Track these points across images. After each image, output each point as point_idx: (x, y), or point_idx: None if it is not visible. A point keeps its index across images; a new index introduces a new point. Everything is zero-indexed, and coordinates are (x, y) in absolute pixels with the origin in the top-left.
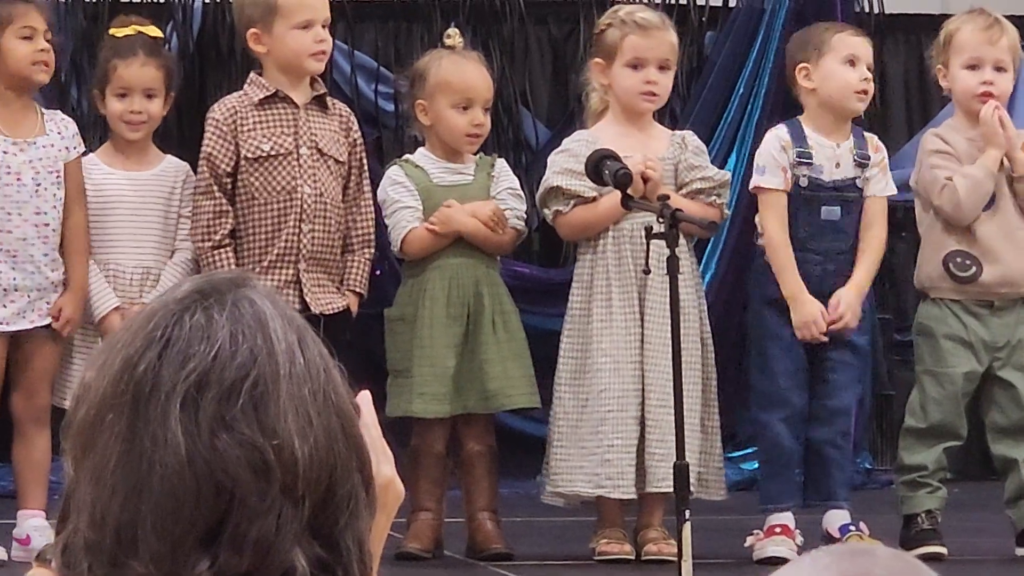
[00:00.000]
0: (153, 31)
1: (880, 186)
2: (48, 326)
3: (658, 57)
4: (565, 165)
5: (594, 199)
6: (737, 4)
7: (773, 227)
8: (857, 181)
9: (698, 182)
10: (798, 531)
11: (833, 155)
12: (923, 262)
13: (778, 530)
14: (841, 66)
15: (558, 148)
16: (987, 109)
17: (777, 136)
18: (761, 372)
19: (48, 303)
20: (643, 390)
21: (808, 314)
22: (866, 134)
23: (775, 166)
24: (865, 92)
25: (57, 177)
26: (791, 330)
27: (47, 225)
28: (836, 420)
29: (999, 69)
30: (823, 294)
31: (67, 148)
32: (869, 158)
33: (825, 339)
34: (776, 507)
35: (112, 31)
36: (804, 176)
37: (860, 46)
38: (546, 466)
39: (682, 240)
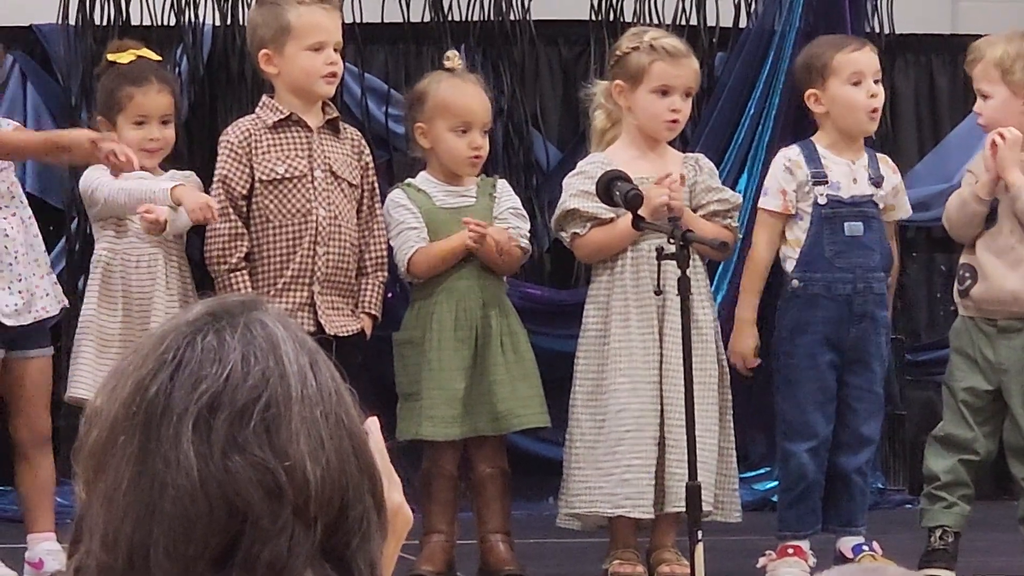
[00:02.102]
0: (152, 55)
1: (905, 210)
2: (40, 347)
3: (685, 85)
4: (581, 187)
5: (611, 220)
6: (747, 25)
7: (759, 246)
8: (874, 198)
9: (715, 204)
10: (811, 553)
11: (849, 171)
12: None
13: (791, 551)
14: (847, 88)
15: (573, 171)
16: (988, 138)
17: (786, 157)
18: (789, 401)
19: (37, 318)
20: (662, 410)
21: (745, 346)
22: (879, 155)
23: (775, 188)
24: (875, 110)
25: (9, 166)
26: (825, 359)
27: (15, 215)
28: (864, 449)
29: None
30: (853, 314)
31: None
32: (883, 179)
33: (749, 374)
34: (794, 534)
35: (112, 57)
36: (822, 195)
37: (862, 61)
38: (563, 490)
39: (696, 260)
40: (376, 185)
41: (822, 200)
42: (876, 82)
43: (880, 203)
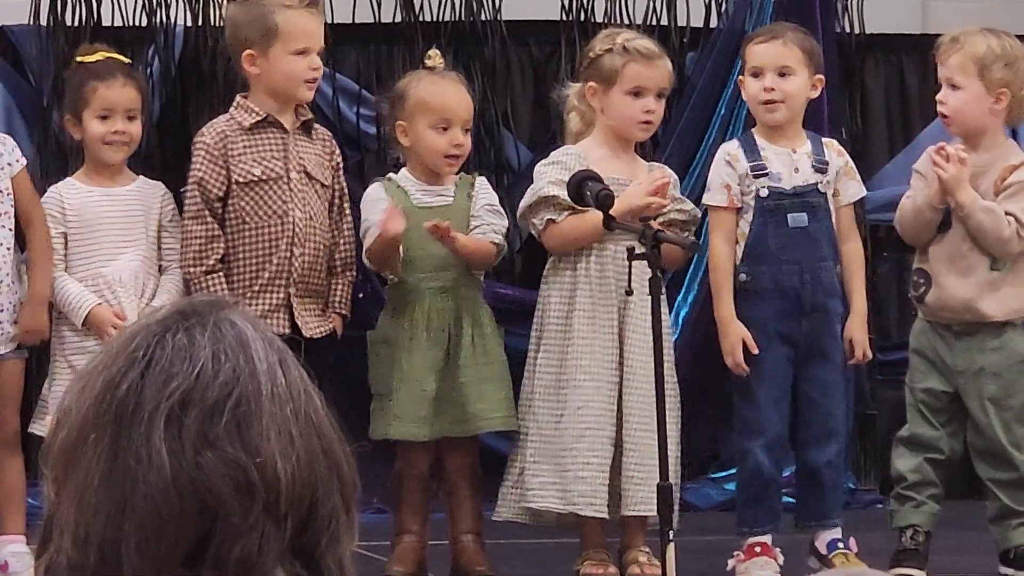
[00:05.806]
0: (122, 57)
1: (849, 193)
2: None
3: (658, 86)
4: (559, 176)
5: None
6: (718, 25)
7: (714, 245)
8: (819, 186)
9: (676, 212)
10: (778, 549)
11: (790, 161)
12: None
13: (758, 550)
14: (748, 79)
15: (546, 159)
16: (929, 150)
17: (725, 151)
18: (742, 398)
19: (9, 324)
20: (620, 412)
21: (733, 343)
22: (824, 139)
23: (718, 183)
24: (768, 102)
25: (8, 195)
26: (778, 353)
27: (1, 244)
28: (831, 442)
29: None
30: (802, 306)
31: (9, 164)
32: (827, 163)
33: (746, 369)
34: (752, 531)
35: (80, 58)
36: (764, 187)
37: (761, 55)
38: (513, 483)
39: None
40: (345, 186)
41: (764, 192)
42: (782, 75)
43: (826, 191)
